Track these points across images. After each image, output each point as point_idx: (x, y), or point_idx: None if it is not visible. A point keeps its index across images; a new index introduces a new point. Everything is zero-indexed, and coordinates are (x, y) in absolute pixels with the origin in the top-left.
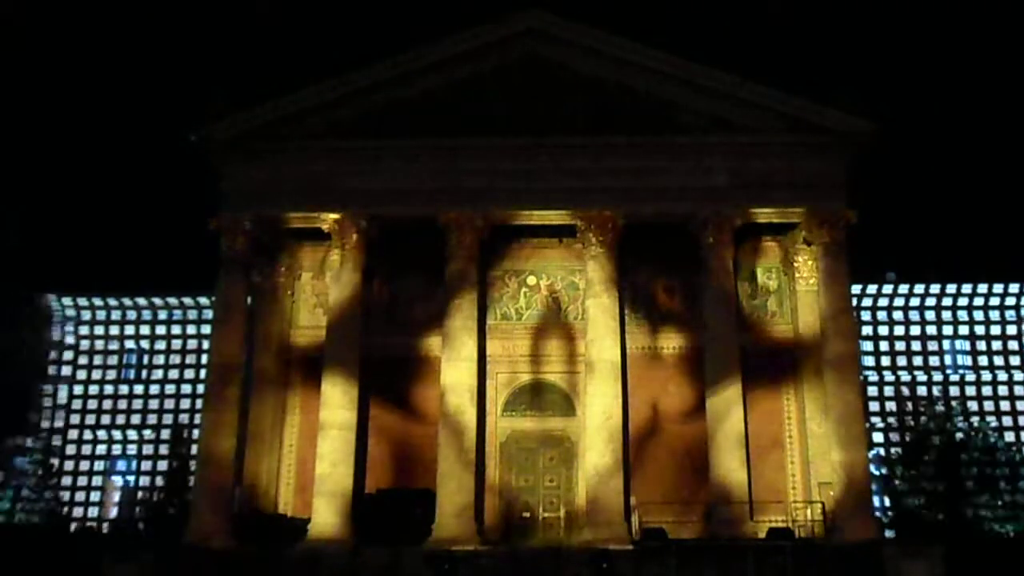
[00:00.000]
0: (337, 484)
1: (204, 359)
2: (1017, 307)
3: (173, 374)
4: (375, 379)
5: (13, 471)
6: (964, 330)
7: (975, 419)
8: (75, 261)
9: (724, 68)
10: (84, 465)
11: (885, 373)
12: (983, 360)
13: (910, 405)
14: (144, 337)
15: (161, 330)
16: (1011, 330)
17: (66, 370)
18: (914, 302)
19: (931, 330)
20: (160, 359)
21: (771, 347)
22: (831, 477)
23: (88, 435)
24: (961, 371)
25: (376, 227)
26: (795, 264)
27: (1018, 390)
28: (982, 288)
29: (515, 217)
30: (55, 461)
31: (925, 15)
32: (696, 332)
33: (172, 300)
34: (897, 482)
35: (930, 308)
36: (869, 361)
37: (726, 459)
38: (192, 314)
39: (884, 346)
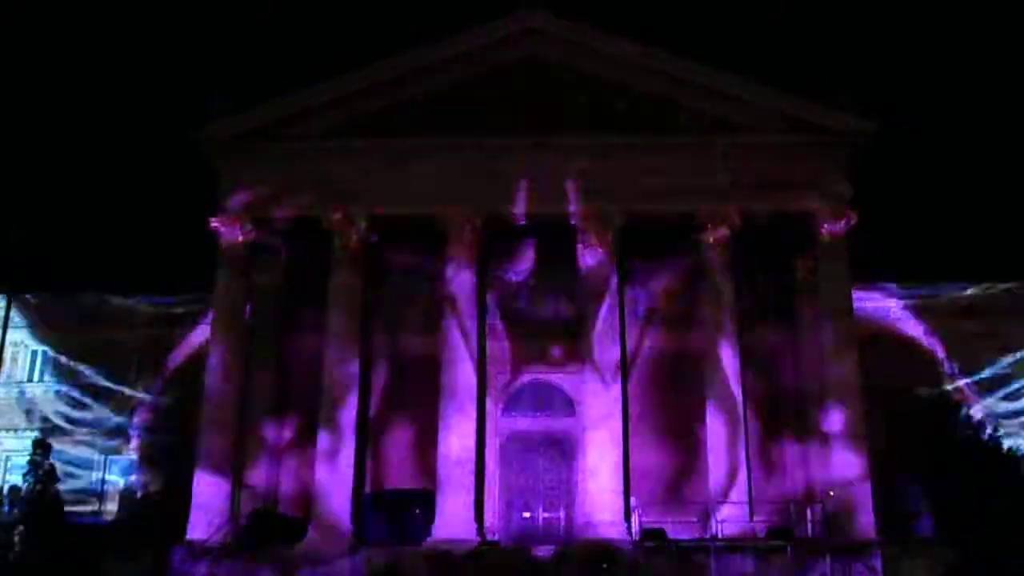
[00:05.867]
0: (337, 484)
1: None
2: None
3: None
4: (375, 378)
5: None
6: None
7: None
8: (74, 261)
9: (724, 68)
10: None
11: None
12: None
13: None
14: None
15: None
16: None
17: None
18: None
19: None
20: None
21: (771, 347)
22: (831, 477)
23: None
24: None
25: (376, 227)
26: (795, 264)
27: None
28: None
29: (515, 216)
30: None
31: (925, 15)
32: (696, 332)
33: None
34: (897, 482)
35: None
36: None
37: (726, 458)
38: None
39: None
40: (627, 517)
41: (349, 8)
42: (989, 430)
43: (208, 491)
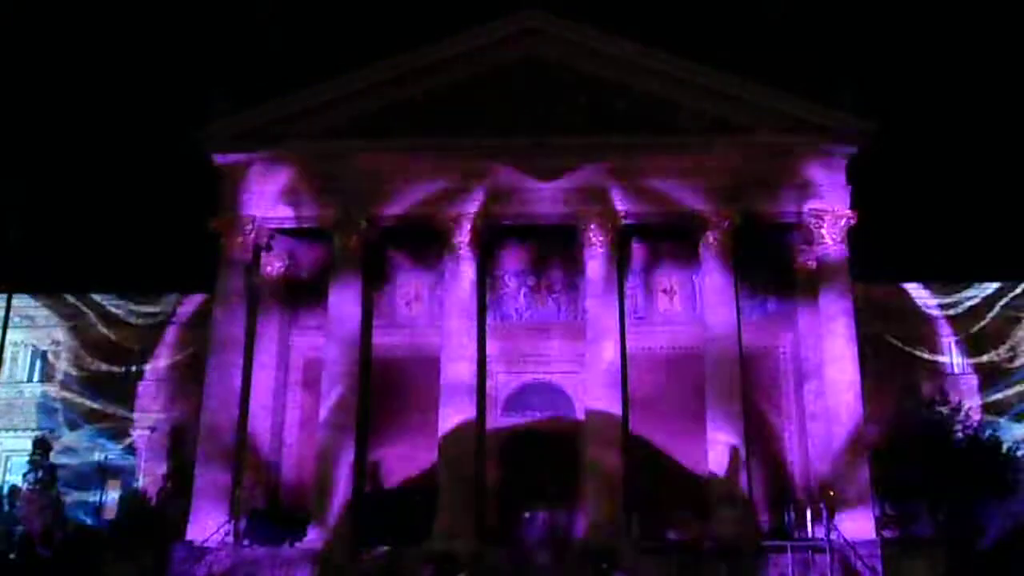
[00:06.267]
0: (337, 484)
1: None
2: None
3: None
4: (375, 379)
5: None
6: None
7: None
8: (74, 261)
9: (724, 68)
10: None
11: None
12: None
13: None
14: None
15: None
16: None
17: None
18: None
19: None
20: None
21: (771, 347)
22: (831, 477)
23: None
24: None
25: (376, 227)
26: (795, 264)
27: None
28: None
29: (515, 217)
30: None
31: (924, 15)
32: (696, 332)
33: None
34: (897, 481)
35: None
36: None
37: (726, 459)
38: None
39: None
40: (628, 517)
41: (349, 8)
42: (989, 430)
43: (208, 491)
